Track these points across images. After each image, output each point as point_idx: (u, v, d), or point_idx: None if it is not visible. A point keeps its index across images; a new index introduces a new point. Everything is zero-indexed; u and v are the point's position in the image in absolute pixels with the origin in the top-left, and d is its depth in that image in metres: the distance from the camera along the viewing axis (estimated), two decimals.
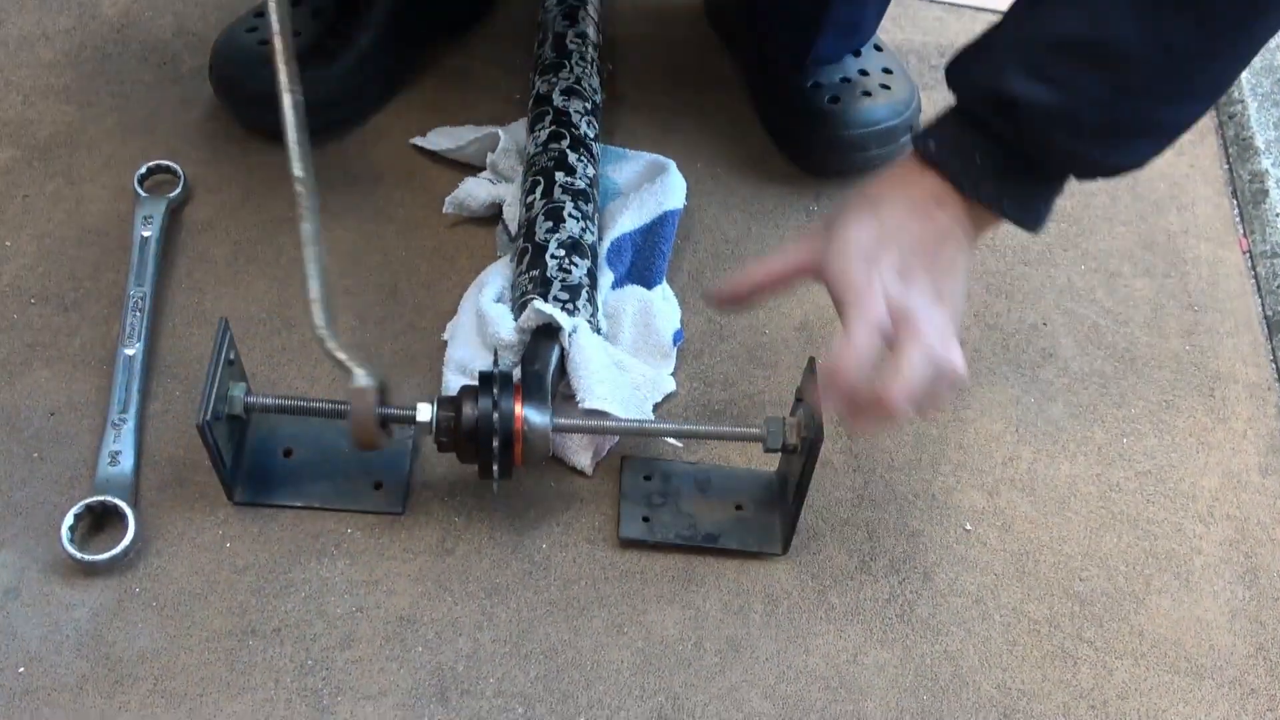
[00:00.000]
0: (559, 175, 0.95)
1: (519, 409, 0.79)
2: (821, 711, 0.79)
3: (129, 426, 0.85)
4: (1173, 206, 1.12)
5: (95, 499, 0.81)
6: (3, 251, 0.96)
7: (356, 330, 0.95)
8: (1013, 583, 0.86)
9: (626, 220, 0.99)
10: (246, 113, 1.04)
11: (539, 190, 0.95)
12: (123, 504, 0.81)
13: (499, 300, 0.92)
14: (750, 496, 0.88)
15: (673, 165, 1.02)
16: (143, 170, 1.00)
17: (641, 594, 0.83)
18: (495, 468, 0.79)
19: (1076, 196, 1.12)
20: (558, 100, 1.00)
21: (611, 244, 0.97)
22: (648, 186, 1.01)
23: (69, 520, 0.80)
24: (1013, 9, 0.76)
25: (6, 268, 0.95)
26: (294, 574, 0.82)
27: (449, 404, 0.80)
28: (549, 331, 0.86)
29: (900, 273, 0.76)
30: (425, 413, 0.79)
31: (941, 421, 0.94)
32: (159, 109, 1.07)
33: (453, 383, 0.88)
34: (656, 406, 0.92)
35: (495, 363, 0.82)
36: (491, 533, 0.85)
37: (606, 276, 0.95)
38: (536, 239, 0.92)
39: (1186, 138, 1.17)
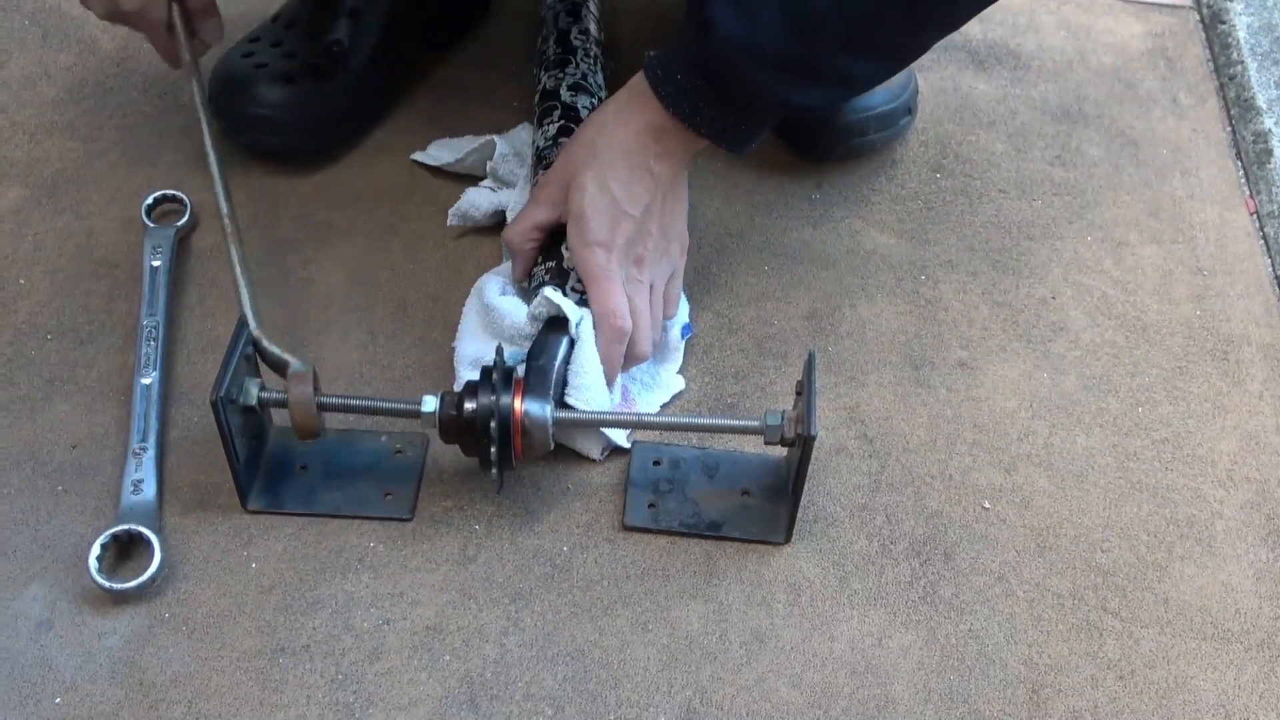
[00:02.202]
0: None
1: (519, 403, 0.81)
2: (850, 697, 0.80)
3: (150, 455, 0.87)
4: (1176, 171, 1.12)
5: (120, 528, 0.83)
6: (17, 289, 0.98)
7: (368, 346, 0.96)
8: (1034, 558, 0.87)
9: None
10: (246, 136, 1.05)
11: None
12: (148, 531, 0.82)
13: (503, 294, 0.93)
14: (758, 483, 0.88)
15: None
16: (149, 201, 1.01)
17: (664, 590, 0.84)
18: (494, 460, 0.81)
19: (1079, 168, 1.12)
20: (565, 96, 1.01)
21: None
22: None
23: (96, 551, 0.81)
24: None
25: (22, 305, 0.97)
26: (319, 590, 0.83)
27: (452, 398, 0.82)
28: (558, 324, 0.87)
29: (636, 255, 0.88)
30: (430, 404, 0.82)
31: (955, 401, 0.94)
32: (162, 139, 1.08)
33: (467, 378, 0.89)
34: (665, 405, 0.93)
35: (497, 358, 0.83)
36: (512, 538, 0.86)
37: None
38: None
39: (1187, 100, 1.18)
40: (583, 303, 0.89)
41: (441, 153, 1.06)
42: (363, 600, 0.82)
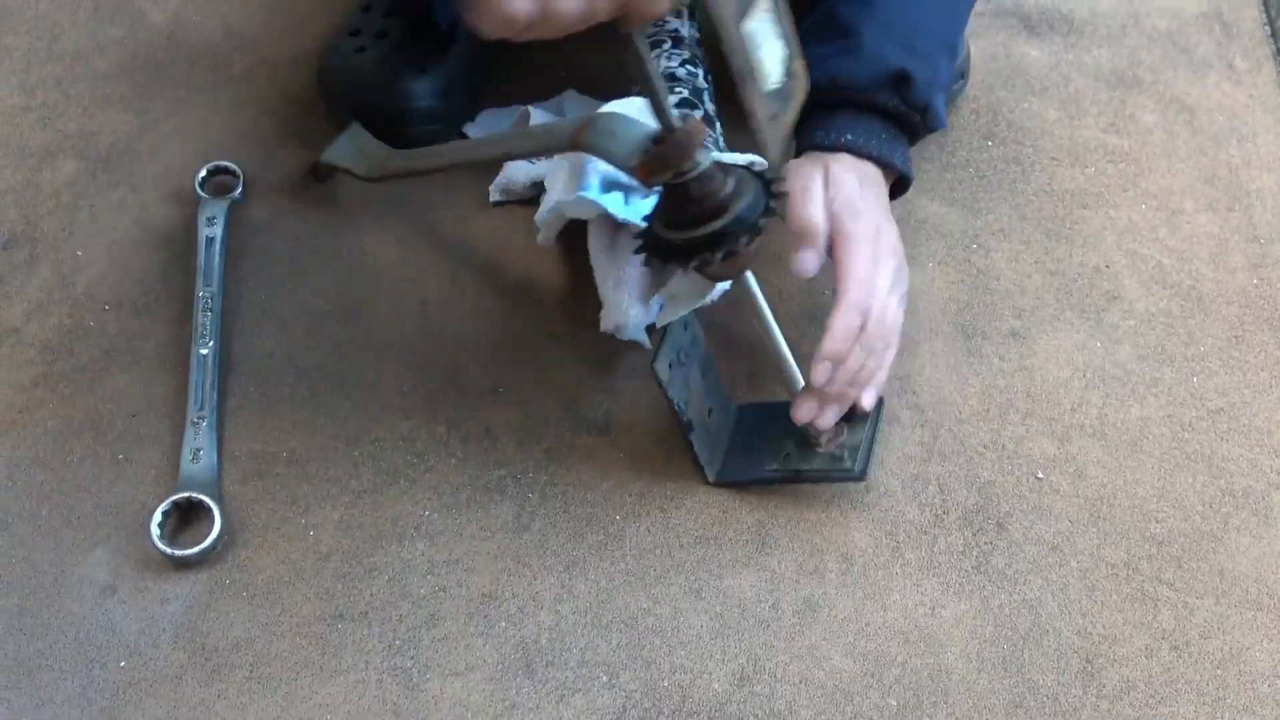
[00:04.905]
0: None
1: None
2: (902, 666, 0.80)
3: (208, 424, 0.88)
4: (1233, 139, 1.10)
5: (181, 495, 0.84)
6: (75, 261, 0.99)
7: (418, 316, 0.96)
8: (1088, 528, 0.86)
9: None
10: (397, 132, 1.03)
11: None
12: (208, 499, 0.84)
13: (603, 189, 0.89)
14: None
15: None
16: (203, 173, 1.02)
17: (717, 559, 0.84)
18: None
19: (1133, 135, 1.10)
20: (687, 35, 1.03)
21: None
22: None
23: (157, 518, 0.83)
24: (827, 20, 0.90)
25: (80, 277, 0.98)
26: (376, 558, 0.84)
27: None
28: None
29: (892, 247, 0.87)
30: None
31: (1007, 371, 0.94)
32: (214, 111, 1.09)
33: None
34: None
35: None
36: (566, 507, 0.86)
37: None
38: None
39: (1244, 66, 1.16)
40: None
41: (487, 121, 1.06)
42: (419, 567, 0.83)
